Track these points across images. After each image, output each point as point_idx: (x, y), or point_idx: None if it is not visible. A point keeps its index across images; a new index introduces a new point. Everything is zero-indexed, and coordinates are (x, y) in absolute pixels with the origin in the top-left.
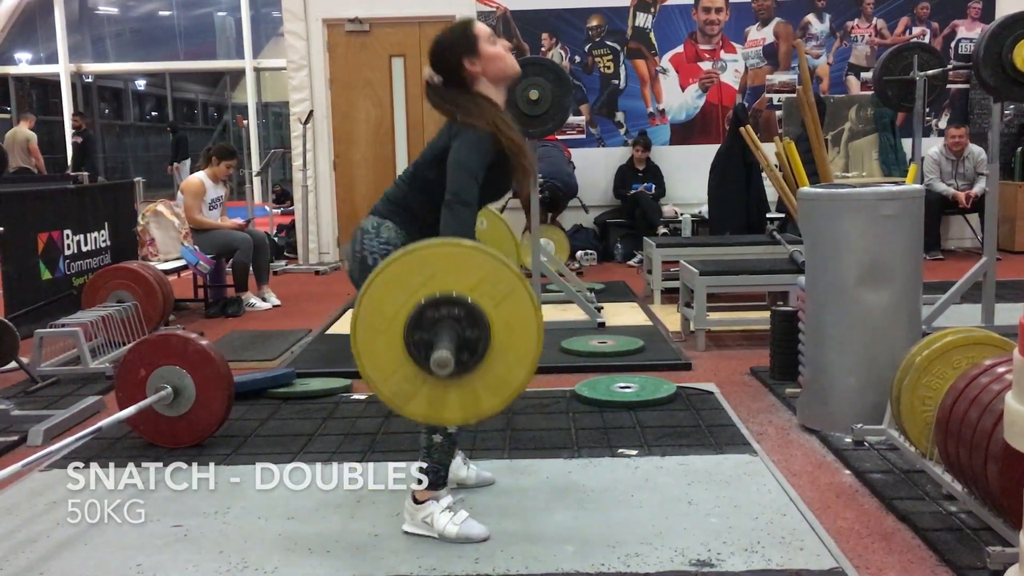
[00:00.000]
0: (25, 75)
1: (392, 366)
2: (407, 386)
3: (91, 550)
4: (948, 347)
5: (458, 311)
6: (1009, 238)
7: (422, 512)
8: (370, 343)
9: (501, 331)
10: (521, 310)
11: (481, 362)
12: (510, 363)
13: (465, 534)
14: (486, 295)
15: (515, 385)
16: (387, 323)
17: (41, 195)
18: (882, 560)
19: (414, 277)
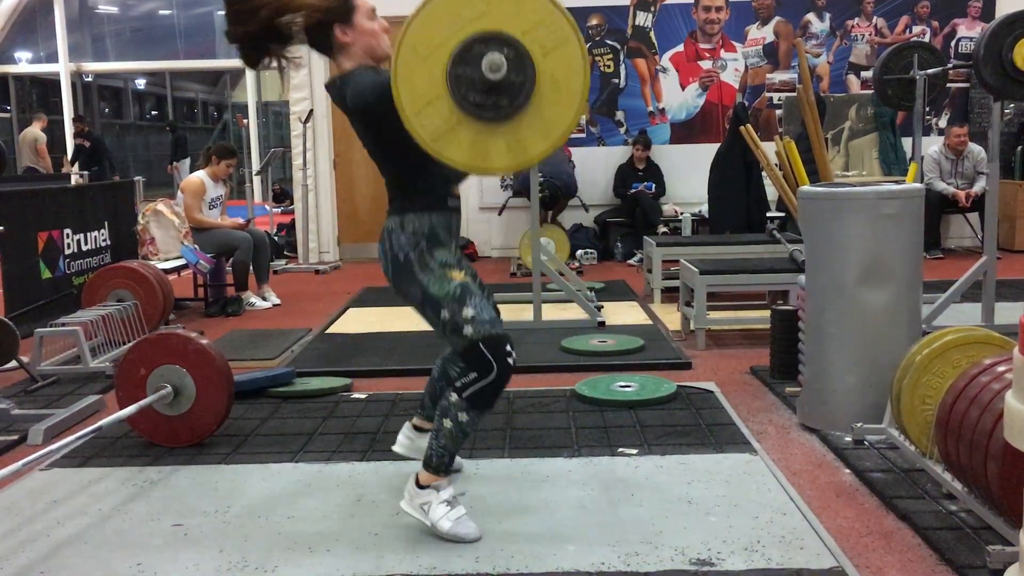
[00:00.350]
0: (25, 74)
1: (427, 96)
2: (440, 123)
3: (91, 549)
4: (948, 346)
5: (507, 52)
6: (1009, 237)
7: (421, 497)
8: (410, 69)
9: (546, 83)
10: (571, 61)
11: (527, 102)
12: (558, 103)
13: (456, 532)
14: (537, 41)
15: (563, 126)
16: (432, 51)
17: (41, 194)
18: (882, 559)
19: (467, 9)
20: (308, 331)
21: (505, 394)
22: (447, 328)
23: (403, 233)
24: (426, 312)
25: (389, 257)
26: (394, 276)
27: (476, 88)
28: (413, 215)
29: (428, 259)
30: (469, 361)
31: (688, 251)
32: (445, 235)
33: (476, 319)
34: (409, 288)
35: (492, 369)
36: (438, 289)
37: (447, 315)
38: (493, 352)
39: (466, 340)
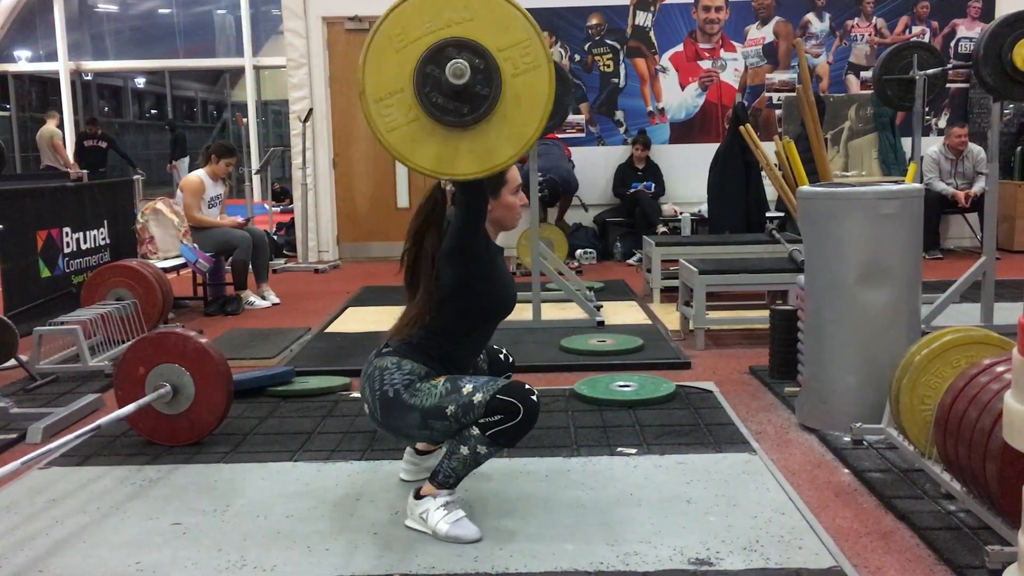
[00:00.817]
0: (24, 73)
1: (392, 87)
2: (399, 116)
3: (90, 548)
4: (947, 346)
5: (478, 63)
6: (1008, 237)
7: (419, 507)
8: (381, 56)
9: (511, 101)
10: (538, 87)
11: (492, 109)
12: (523, 110)
13: (455, 535)
14: (511, 60)
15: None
16: (407, 44)
17: (40, 193)
18: (881, 559)
19: (451, 12)
20: (307, 330)
21: None
22: (459, 417)
23: (399, 371)
24: (434, 426)
25: (377, 395)
26: (384, 414)
27: (440, 90)
28: (417, 363)
29: (416, 389)
30: (492, 413)
31: (687, 251)
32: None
33: (477, 387)
34: (404, 418)
35: (519, 411)
36: (431, 399)
37: (453, 408)
38: (512, 395)
39: (482, 406)
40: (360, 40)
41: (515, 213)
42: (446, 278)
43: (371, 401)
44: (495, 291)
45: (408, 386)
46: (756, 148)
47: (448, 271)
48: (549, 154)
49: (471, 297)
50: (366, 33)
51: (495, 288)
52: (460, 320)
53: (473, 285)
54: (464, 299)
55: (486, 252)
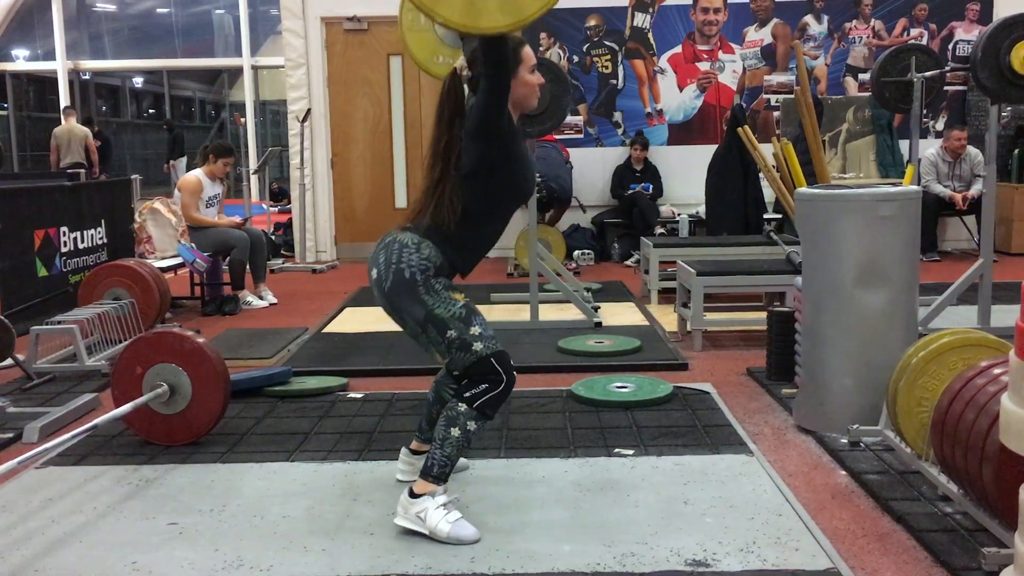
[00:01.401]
0: (22, 72)
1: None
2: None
3: (86, 548)
4: (944, 348)
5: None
6: (1006, 240)
7: (416, 506)
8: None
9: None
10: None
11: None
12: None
13: (456, 535)
14: None
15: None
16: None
17: (38, 192)
18: (877, 561)
19: None
20: (305, 330)
21: None
22: (453, 346)
23: (416, 253)
24: (428, 331)
25: (392, 269)
26: (392, 289)
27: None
28: (434, 247)
29: (433, 282)
30: (479, 375)
31: (685, 252)
32: (450, 272)
33: (483, 336)
34: (409, 306)
35: (503, 380)
36: (443, 310)
37: (454, 334)
38: (502, 365)
39: (475, 356)
40: (359, 41)
41: (533, 91)
42: (469, 158)
43: (383, 270)
44: (517, 172)
45: (426, 277)
46: (754, 150)
47: (472, 150)
48: (547, 158)
49: (494, 177)
50: (365, 33)
51: (517, 169)
52: (481, 201)
53: (497, 164)
54: (487, 179)
55: (509, 131)
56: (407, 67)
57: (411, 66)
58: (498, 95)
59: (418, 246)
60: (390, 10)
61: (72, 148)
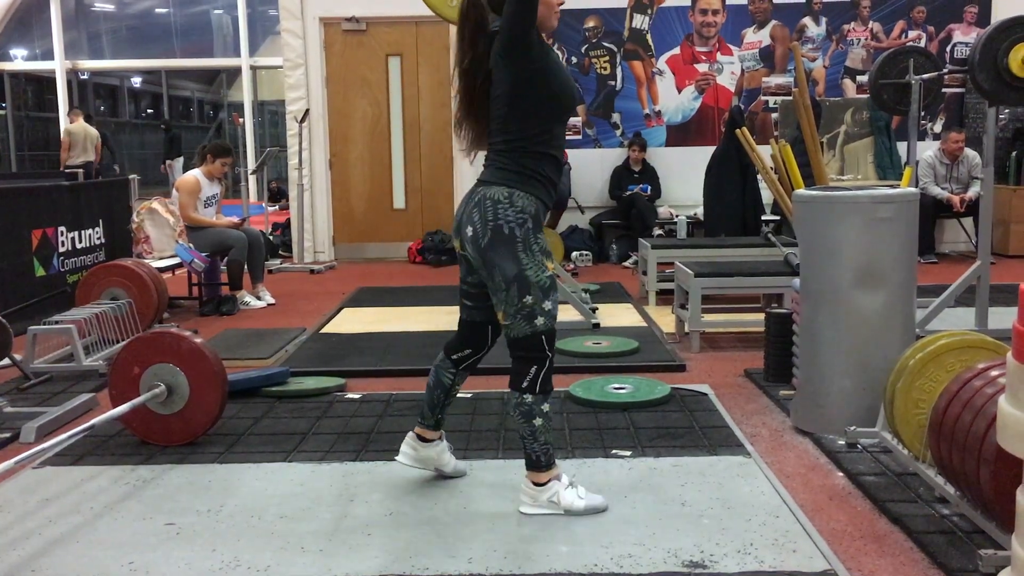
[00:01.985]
0: (20, 71)
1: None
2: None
3: (83, 547)
4: (942, 350)
5: None
6: (1003, 242)
7: (547, 493)
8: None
9: None
10: None
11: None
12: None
13: (592, 505)
14: None
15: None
16: None
17: (35, 192)
18: (874, 562)
19: None
20: (303, 331)
21: (499, 394)
22: (523, 312)
23: (511, 208)
24: (510, 290)
25: (490, 226)
26: (489, 245)
27: None
28: (523, 194)
29: (532, 241)
30: (525, 351)
31: (683, 254)
32: (543, 220)
33: (550, 313)
34: (504, 262)
35: (547, 358)
36: (534, 274)
37: (530, 300)
38: (550, 344)
39: (534, 329)
40: (357, 41)
41: (553, 10)
42: (504, 82)
43: (480, 227)
44: (556, 82)
45: (525, 232)
46: (752, 151)
47: (506, 72)
48: None
49: (535, 94)
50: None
51: (556, 79)
52: (532, 123)
53: (534, 80)
54: (529, 98)
55: (541, 46)
56: (406, 68)
57: (410, 67)
58: (527, 7)
59: (511, 199)
60: (389, 10)
61: (87, 147)
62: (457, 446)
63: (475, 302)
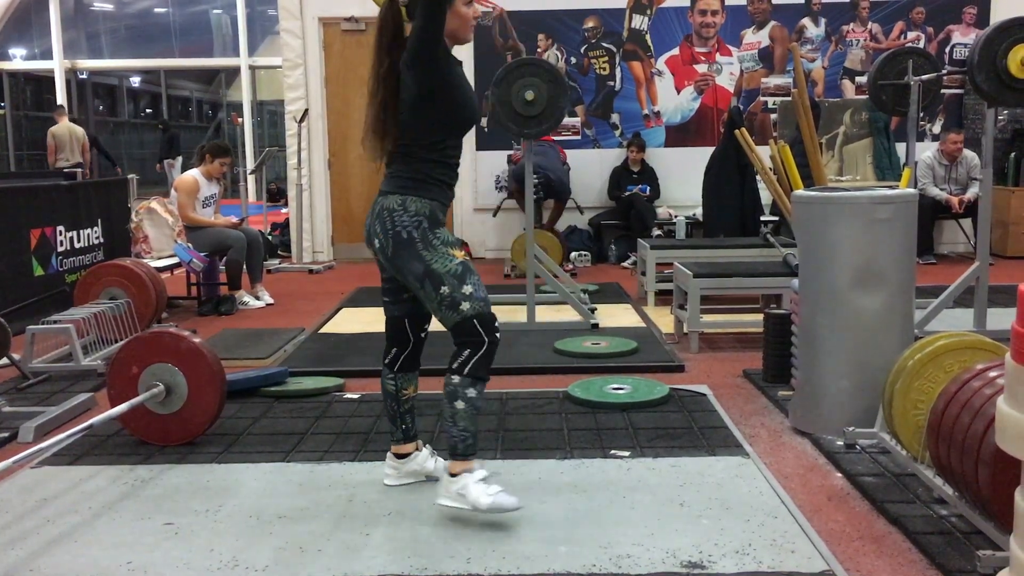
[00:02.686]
0: (19, 71)
1: None
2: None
3: (82, 547)
4: (940, 351)
5: None
6: (1002, 243)
7: (456, 484)
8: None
9: None
10: None
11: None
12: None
13: (498, 504)
14: None
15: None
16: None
17: (34, 191)
18: (873, 563)
19: None
20: (301, 331)
21: (498, 395)
22: (445, 303)
23: (406, 214)
24: (424, 286)
25: (390, 235)
26: (395, 252)
27: None
28: (416, 198)
29: (431, 237)
30: (462, 337)
31: (682, 254)
32: (442, 217)
33: (474, 296)
34: (410, 263)
35: (484, 342)
36: (440, 265)
37: (447, 290)
38: (484, 328)
39: (461, 315)
40: (357, 41)
41: (468, 24)
42: (409, 89)
43: (383, 238)
44: (458, 99)
45: (423, 232)
46: (751, 152)
47: (411, 80)
48: (545, 155)
49: (436, 106)
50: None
51: (457, 95)
52: (428, 133)
53: (436, 93)
54: (428, 109)
55: (446, 59)
56: None
57: None
58: (433, 22)
59: (404, 205)
60: None
61: (73, 148)
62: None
63: (391, 297)
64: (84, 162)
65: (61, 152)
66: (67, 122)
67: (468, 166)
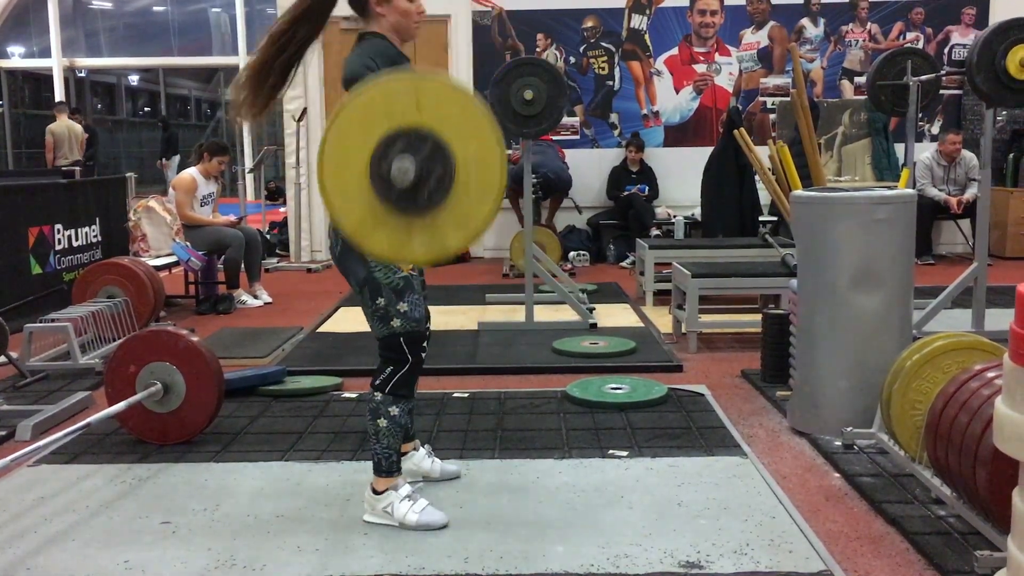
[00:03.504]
0: (18, 69)
1: (357, 196)
2: (370, 219)
3: (79, 546)
4: (938, 351)
5: (425, 145)
6: (1000, 244)
7: (383, 502)
8: (338, 169)
9: (465, 168)
10: (486, 146)
11: (445, 197)
12: (474, 199)
13: (425, 522)
14: (453, 130)
15: (479, 220)
16: (357, 151)
17: (32, 189)
18: (870, 563)
19: (405, 101)
20: (299, 330)
21: (496, 394)
22: (378, 314)
23: None
24: (363, 292)
25: (341, 237)
26: (342, 254)
27: (391, 185)
28: None
29: None
30: (385, 353)
31: (680, 254)
32: None
33: (407, 315)
34: (354, 267)
35: (407, 361)
36: (382, 275)
37: (382, 302)
38: (410, 347)
39: (390, 330)
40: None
41: (412, 19)
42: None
43: (334, 239)
44: None
45: None
46: (750, 152)
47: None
48: (543, 153)
49: None
50: None
51: None
52: None
53: None
54: None
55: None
56: None
57: None
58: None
59: None
60: None
61: (73, 145)
62: (454, 446)
63: None
64: (83, 159)
65: (59, 150)
66: (66, 119)
67: None
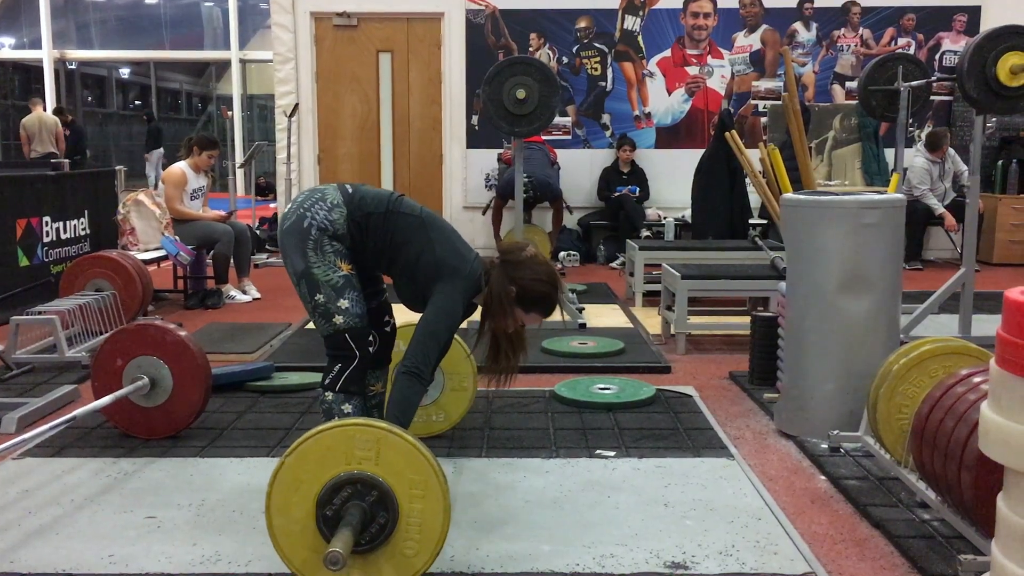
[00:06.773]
0: (7, 60)
1: (295, 518)
2: (314, 557)
3: (63, 540)
4: (925, 356)
5: (373, 495)
6: (987, 250)
7: None
8: (285, 491)
9: (409, 521)
10: (432, 507)
11: (384, 544)
12: (415, 548)
13: None
14: (405, 486)
15: (417, 568)
16: (307, 486)
17: (20, 181)
18: (855, 566)
19: (346, 452)
20: (288, 326)
21: (484, 393)
22: (318, 310)
23: (326, 212)
24: (300, 286)
25: (297, 213)
26: (287, 231)
27: (335, 527)
28: (347, 216)
29: (326, 244)
30: (332, 351)
31: (670, 255)
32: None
33: (349, 311)
34: (294, 254)
35: (355, 356)
36: (321, 272)
37: (322, 299)
38: (356, 342)
39: (334, 328)
40: (348, 36)
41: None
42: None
43: (290, 210)
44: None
45: (321, 235)
46: (741, 155)
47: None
48: (531, 159)
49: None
50: (354, 29)
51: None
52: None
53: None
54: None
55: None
56: (396, 64)
57: (400, 63)
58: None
59: (332, 207)
60: (380, 6)
61: (43, 138)
62: (441, 445)
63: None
64: (58, 151)
65: (33, 142)
66: (40, 111)
67: (458, 164)
